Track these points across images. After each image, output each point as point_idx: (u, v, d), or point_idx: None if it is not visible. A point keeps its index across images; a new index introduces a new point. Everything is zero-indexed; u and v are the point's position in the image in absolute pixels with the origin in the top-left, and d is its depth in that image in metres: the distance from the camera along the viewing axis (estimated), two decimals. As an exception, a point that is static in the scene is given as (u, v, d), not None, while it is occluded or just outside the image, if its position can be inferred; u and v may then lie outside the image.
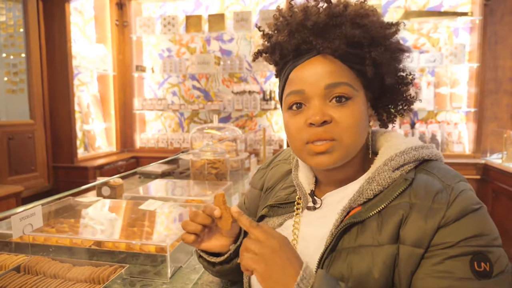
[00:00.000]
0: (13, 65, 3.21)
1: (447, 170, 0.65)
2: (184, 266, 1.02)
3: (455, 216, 0.57)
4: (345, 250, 0.61)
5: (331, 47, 0.62)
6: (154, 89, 4.20)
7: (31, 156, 3.12)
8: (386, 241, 0.59)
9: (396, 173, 0.64)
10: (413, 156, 0.65)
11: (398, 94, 0.70)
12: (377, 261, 0.58)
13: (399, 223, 0.59)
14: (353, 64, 0.64)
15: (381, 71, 0.65)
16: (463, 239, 0.56)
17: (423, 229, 0.57)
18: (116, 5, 3.87)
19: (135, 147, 4.07)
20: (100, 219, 1.24)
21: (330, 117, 0.62)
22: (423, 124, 3.56)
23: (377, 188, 0.63)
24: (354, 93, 0.64)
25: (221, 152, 1.83)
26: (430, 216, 0.58)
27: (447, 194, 0.59)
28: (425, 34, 3.55)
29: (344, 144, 0.63)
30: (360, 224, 0.62)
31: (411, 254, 0.57)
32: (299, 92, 0.64)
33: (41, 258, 0.87)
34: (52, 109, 3.27)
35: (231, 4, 3.91)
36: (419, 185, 0.62)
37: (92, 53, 3.70)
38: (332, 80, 0.62)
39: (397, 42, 0.67)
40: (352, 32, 0.62)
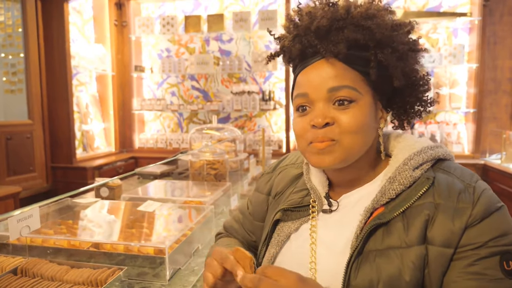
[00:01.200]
0: (11, 65, 3.20)
1: (463, 169, 0.66)
2: (183, 268, 1.01)
3: (481, 215, 0.58)
4: (372, 253, 0.61)
5: (333, 50, 0.62)
6: (153, 89, 4.19)
7: (29, 157, 3.11)
8: (414, 242, 0.59)
9: (416, 172, 0.64)
10: (430, 155, 0.65)
11: (412, 96, 0.69)
12: (407, 263, 0.58)
13: (425, 223, 0.59)
14: (358, 67, 0.63)
15: (389, 73, 0.64)
16: (491, 238, 0.57)
17: (451, 229, 0.58)
18: (115, 5, 3.87)
19: (134, 147, 4.06)
20: (98, 221, 1.24)
21: (332, 119, 0.63)
22: (422, 124, 3.56)
23: (399, 188, 0.63)
24: (357, 96, 0.63)
25: (220, 153, 1.82)
26: (457, 216, 0.58)
27: (470, 193, 0.60)
28: (424, 34, 3.55)
29: (345, 145, 0.63)
30: (385, 225, 0.62)
31: (440, 254, 0.58)
32: (303, 95, 0.66)
33: (38, 260, 0.86)
34: (50, 109, 3.26)
35: (230, 4, 3.91)
36: (441, 185, 0.62)
37: (91, 53, 3.69)
38: (335, 84, 0.63)
39: (408, 42, 0.65)
40: (354, 35, 0.62)
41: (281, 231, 0.73)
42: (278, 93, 3.87)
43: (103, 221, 1.24)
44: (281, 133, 3.86)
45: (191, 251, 1.08)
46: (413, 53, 0.66)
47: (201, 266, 1.03)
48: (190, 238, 1.09)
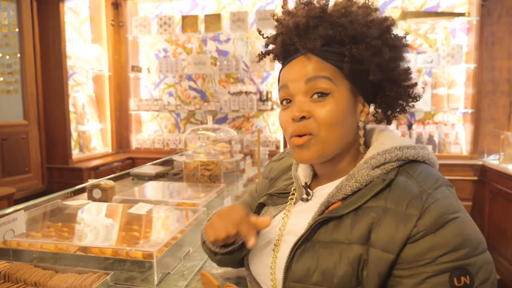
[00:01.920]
0: (7, 65, 3.18)
1: (430, 174, 0.63)
2: (172, 272, 0.99)
3: (429, 227, 0.56)
4: (319, 243, 0.63)
5: (310, 46, 0.66)
6: (150, 90, 4.17)
7: (25, 157, 3.08)
8: (355, 241, 0.60)
9: (376, 171, 0.64)
10: (395, 155, 0.65)
11: (392, 90, 0.69)
12: (344, 259, 0.59)
13: (370, 225, 0.60)
14: (334, 62, 0.66)
15: (364, 68, 0.66)
16: (441, 254, 0.55)
17: (393, 235, 0.57)
18: (112, 5, 3.84)
19: (131, 148, 4.04)
20: (88, 223, 1.22)
21: (309, 113, 0.66)
22: (420, 125, 3.54)
23: (355, 185, 0.65)
24: (333, 87, 0.66)
25: (215, 154, 1.81)
26: (402, 222, 0.57)
27: (422, 201, 0.58)
28: (422, 34, 3.54)
29: (321, 139, 0.66)
30: (338, 219, 0.63)
31: (380, 258, 0.58)
32: (284, 87, 0.69)
33: (22, 265, 0.84)
34: (46, 110, 3.24)
35: (228, 4, 3.89)
36: (397, 189, 0.61)
37: (87, 53, 3.67)
38: (312, 75, 0.66)
39: (384, 37, 0.67)
40: (328, 32, 0.65)
41: (263, 215, 0.78)
42: (275, 93, 3.85)
43: (92, 224, 1.22)
44: (278, 133, 3.84)
45: (181, 254, 1.06)
46: (389, 48, 0.67)
47: (191, 270, 1.02)
48: (180, 241, 1.07)
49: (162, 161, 2.32)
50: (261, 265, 0.72)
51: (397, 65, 0.68)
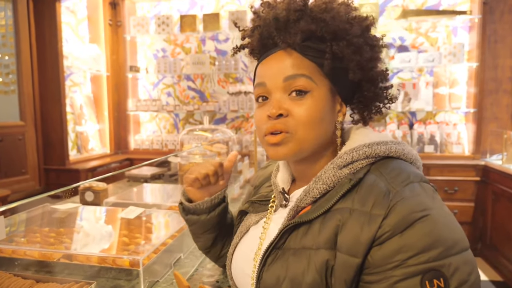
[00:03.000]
0: (4, 66, 3.15)
1: (401, 170, 0.59)
2: (161, 280, 0.95)
3: (395, 227, 0.52)
4: (289, 251, 0.61)
5: (289, 41, 0.63)
6: (148, 90, 4.13)
7: (21, 158, 3.05)
8: (322, 245, 0.57)
9: (343, 171, 0.62)
10: (363, 153, 0.62)
11: (370, 91, 0.67)
12: (311, 265, 0.57)
13: (336, 228, 0.57)
14: (314, 58, 0.63)
15: (343, 66, 0.64)
16: (410, 256, 0.51)
17: (358, 237, 0.54)
18: (110, 4, 3.81)
19: (129, 148, 4.01)
20: (76, 229, 1.18)
21: (287, 111, 0.63)
22: (422, 124, 3.49)
23: (322, 187, 0.62)
24: (313, 86, 0.63)
25: (211, 155, 1.76)
26: (366, 223, 0.54)
27: (388, 199, 0.54)
28: (423, 33, 3.49)
29: (298, 137, 0.63)
30: (308, 224, 0.61)
31: (345, 262, 0.54)
32: (261, 84, 0.66)
33: (1, 273, 0.80)
34: (43, 110, 3.21)
35: (227, 3, 3.85)
36: (364, 189, 0.58)
37: (85, 53, 3.64)
38: (291, 73, 0.63)
39: (365, 36, 0.65)
40: (309, 26, 0.62)
41: (244, 223, 0.77)
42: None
43: (81, 229, 1.18)
44: (278, 134, 3.80)
45: (171, 261, 1.02)
46: (370, 47, 0.65)
47: (181, 277, 0.97)
48: (170, 247, 1.03)
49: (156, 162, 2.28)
50: (242, 274, 0.71)
51: (375, 65, 0.66)
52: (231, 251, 0.76)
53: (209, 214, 0.81)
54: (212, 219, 0.81)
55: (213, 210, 0.81)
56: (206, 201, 0.81)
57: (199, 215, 0.81)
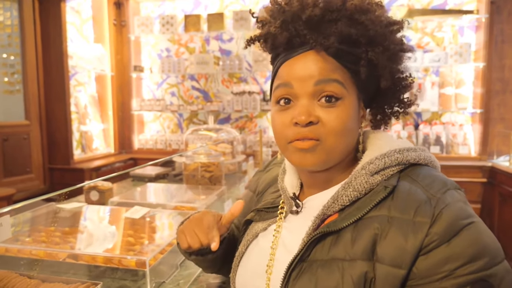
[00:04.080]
0: (10, 66, 3.16)
1: (435, 177, 0.57)
2: (167, 281, 0.94)
3: (443, 235, 0.50)
4: (316, 263, 0.56)
5: (324, 43, 0.57)
6: (152, 90, 4.13)
7: (26, 158, 3.06)
8: (358, 256, 0.53)
9: (375, 177, 0.58)
10: (395, 159, 0.59)
11: (394, 97, 0.65)
12: (347, 278, 0.52)
13: (374, 238, 0.53)
14: (347, 63, 0.59)
15: (377, 73, 0.60)
16: (458, 266, 0.49)
17: (403, 247, 0.51)
18: (114, 4, 3.81)
19: (133, 148, 4.01)
20: (81, 228, 1.17)
21: (317, 118, 0.58)
22: (427, 125, 3.46)
23: (353, 194, 0.58)
24: (344, 93, 0.59)
25: (216, 155, 1.75)
26: (411, 232, 0.51)
27: (431, 206, 0.52)
28: (429, 33, 3.46)
29: (328, 146, 0.59)
30: (336, 234, 0.56)
31: (389, 274, 0.51)
32: (287, 85, 0.60)
33: (7, 273, 0.80)
34: (48, 110, 3.21)
35: (231, 3, 3.84)
36: (401, 196, 0.55)
37: (89, 53, 3.64)
38: (323, 77, 0.58)
39: (399, 42, 0.61)
40: (348, 30, 0.57)
41: (250, 231, 0.72)
42: (279, 93, 3.79)
43: (86, 229, 1.17)
44: (282, 134, 3.78)
45: (177, 262, 1.01)
46: (403, 53, 0.62)
47: (188, 279, 0.96)
48: (176, 247, 1.01)
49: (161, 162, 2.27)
50: (252, 287, 0.65)
51: (403, 72, 0.64)
52: (236, 262, 0.71)
53: (215, 253, 0.73)
54: (219, 255, 0.75)
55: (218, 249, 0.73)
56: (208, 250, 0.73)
57: (204, 255, 0.75)
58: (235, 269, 0.70)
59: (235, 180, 2.05)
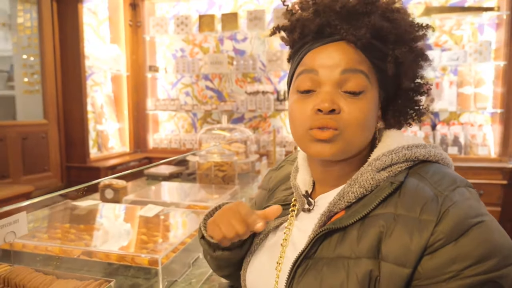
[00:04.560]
0: (30, 66, 3.24)
1: (445, 174, 0.56)
2: (179, 280, 0.94)
3: (449, 234, 0.49)
4: (322, 261, 0.56)
5: (355, 34, 0.57)
6: (167, 90, 4.17)
7: (44, 156, 3.13)
8: (363, 254, 0.52)
9: (382, 174, 0.58)
10: (403, 155, 0.58)
11: (411, 102, 0.65)
12: (351, 276, 0.52)
13: (379, 235, 0.53)
14: (374, 59, 0.59)
15: (400, 72, 0.61)
16: (466, 266, 0.47)
17: (407, 246, 0.50)
18: (130, 5, 3.86)
19: (148, 147, 4.05)
20: (96, 225, 1.18)
21: (339, 107, 0.58)
22: (445, 125, 3.38)
23: (359, 191, 0.58)
24: (368, 86, 0.59)
25: (229, 154, 1.75)
26: (417, 231, 0.50)
27: (438, 204, 0.51)
28: (447, 31, 3.38)
29: (347, 137, 0.58)
30: (342, 231, 0.56)
31: (393, 273, 0.50)
32: (312, 71, 0.60)
33: (23, 269, 0.81)
34: (65, 109, 3.28)
35: (245, 3, 3.84)
36: (408, 193, 0.54)
37: (105, 53, 3.70)
38: (350, 66, 0.58)
39: (422, 46, 0.62)
40: (381, 23, 0.57)
41: (263, 230, 0.70)
42: (293, 93, 3.76)
43: (100, 226, 1.19)
44: (296, 134, 3.76)
45: (190, 261, 1.01)
46: (423, 57, 0.62)
47: (200, 278, 0.96)
48: (189, 246, 1.02)
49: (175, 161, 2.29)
50: (262, 284, 0.65)
51: (423, 77, 0.64)
52: (247, 260, 0.71)
53: (243, 247, 0.70)
54: (244, 251, 0.71)
55: (245, 243, 0.70)
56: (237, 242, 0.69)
57: (232, 250, 0.69)
58: (246, 266, 0.70)
59: (248, 180, 2.05)
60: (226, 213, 0.65)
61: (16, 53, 3.23)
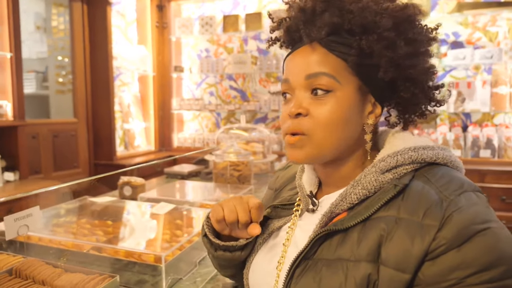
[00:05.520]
0: (62, 67, 3.40)
1: (452, 178, 0.54)
2: (184, 278, 0.94)
3: (452, 240, 0.47)
4: (321, 262, 0.55)
5: (313, 35, 0.58)
6: (192, 89, 4.23)
7: (73, 153, 3.26)
8: (363, 257, 0.51)
9: (386, 176, 0.56)
10: (409, 157, 0.56)
11: (408, 91, 0.60)
12: (350, 279, 0.51)
13: (379, 239, 0.51)
14: (341, 54, 0.58)
15: (374, 63, 0.57)
16: (469, 275, 0.45)
17: (408, 250, 0.48)
18: (157, 7, 3.95)
19: (173, 146, 4.13)
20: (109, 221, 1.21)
21: (306, 110, 0.59)
22: (477, 127, 3.22)
23: (361, 192, 0.57)
24: (336, 85, 0.58)
25: (245, 154, 1.75)
26: (418, 235, 0.49)
27: (442, 209, 0.49)
28: (481, 27, 3.21)
29: (315, 140, 0.58)
30: (343, 233, 0.55)
31: (392, 278, 0.49)
32: (285, 81, 0.63)
33: (35, 261, 0.84)
34: (94, 109, 3.41)
35: (269, 2, 3.83)
36: (412, 196, 0.52)
37: (133, 54, 3.81)
38: (312, 71, 0.59)
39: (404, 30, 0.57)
40: (334, 19, 0.57)
41: (266, 229, 0.70)
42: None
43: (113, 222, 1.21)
44: (319, 134, 3.70)
45: (196, 259, 1.02)
46: (407, 41, 0.57)
47: (205, 277, 0.96)
48: (196, 244, 1.02)
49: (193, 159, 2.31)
50: (263, 285, 0.65)
51: (416, 63, 0.58)
52: (250, 259, 0.71)
53: (243, 250, 0.69)
54: (246, 254, 0.70)
55: (246, 247, 0.69)
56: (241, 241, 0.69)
57: (232, 252, 0.69)
58: (249, 265, 0.70)
59: (266, 180, 2.04)
60: (234, 199, 0.66)
61: (50, 54, 3.39)
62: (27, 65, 3.47)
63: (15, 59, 2.54)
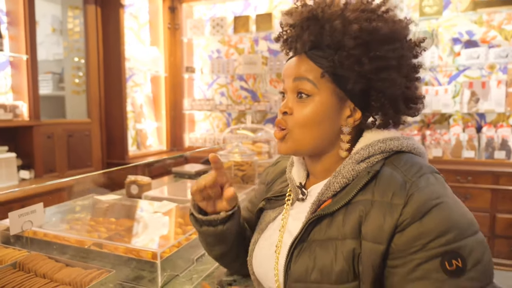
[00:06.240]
0: (78, 68, 3.49)
1: (413, 163, 0.64)
2: (181, 275, 0.97)
3: (414, 214, 0.57)
4: (315, 243, 0.65)
5: (299, 49, 0.69)
6: (203, 90, 4.28)
7: (87, 153, 3.35)
8: (348, 235, 0.62)
9: (361, 165, 0.66)
10: (379, 148, 0.67)
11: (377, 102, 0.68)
12: (339, 255, 0.61)
13: (359, 219, 0.61)
14: (321, 65, 0.67)
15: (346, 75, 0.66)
16: (429, 241, 0.56)
17: (381, 226, 0.59)
18: (169, 8, 4.02)
19: (184, 146, 4.18)
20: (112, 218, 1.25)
21: (291, 110, 0.69)
22: (492, 128, 3.14)
23: (342, 181, 0.66)
24: (314, 91, 0.68)
25: (249, 154, 1.76)
26: (388, 213, 0.59)
27: (405, 190, 0.59)
28: (496, 26, 3.14)
29: (295, 136, 0.69)
30: (330, 216, 0.65)
31: (372, 249, 0.59)
32: (283, 81, 0.73)
33: (37, 255, 0.88)
34: (107, 109, 3.48)
35: (280, 3, 3.84)
36: (382, 181, 0.63)
37: (145, 55, 3.88)
38: (298, 75, 0.69)
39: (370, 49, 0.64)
40: (312, 38, 0.67)
41: (263, 219, 0.80)
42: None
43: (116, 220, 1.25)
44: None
45: (194, 256, 1.04)
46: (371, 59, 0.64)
47: (201, 274, 0.98)
48: (193, 242, 1.04)
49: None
50: (265, 268, 0.74)
51: (385, 76, 0.65)
52: (251, 247, 0.79)
53: (225, 224, 0.77)
54: (228, 229, 0.78)
55: (228, 221, 0.77)
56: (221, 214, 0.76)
57: (215, 227, 0.77)
58: (251, 253, 0.79)
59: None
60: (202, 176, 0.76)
61: (66, 56, 3.49)
62: (44, 66, 3.58)
63: (31, 61, 2.63)
